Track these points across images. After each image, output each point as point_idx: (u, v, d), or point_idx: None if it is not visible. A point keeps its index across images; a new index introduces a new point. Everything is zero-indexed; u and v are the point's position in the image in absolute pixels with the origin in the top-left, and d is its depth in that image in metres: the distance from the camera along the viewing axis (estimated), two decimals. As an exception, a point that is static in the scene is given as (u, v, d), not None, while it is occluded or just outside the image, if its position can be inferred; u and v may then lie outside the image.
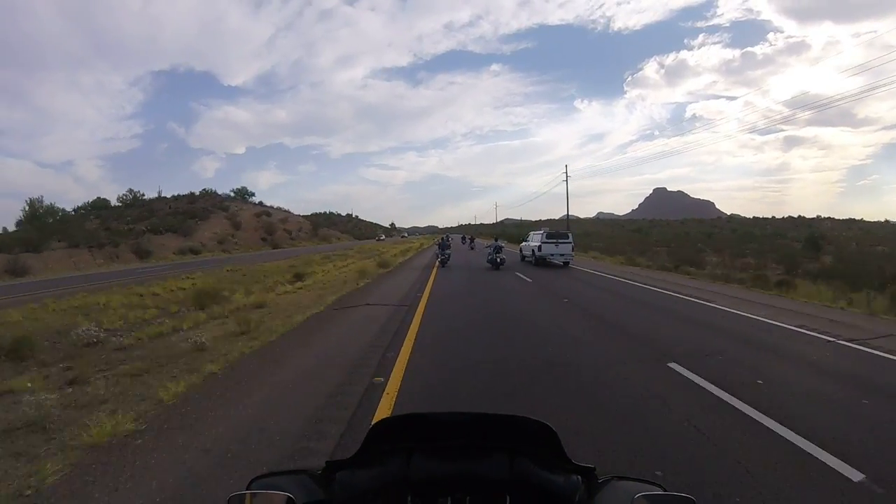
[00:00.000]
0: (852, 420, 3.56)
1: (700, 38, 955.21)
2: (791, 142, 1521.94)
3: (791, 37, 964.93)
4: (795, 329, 6.96)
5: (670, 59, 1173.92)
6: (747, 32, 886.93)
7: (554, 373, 4.77)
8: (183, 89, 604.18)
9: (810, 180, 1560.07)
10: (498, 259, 18.08)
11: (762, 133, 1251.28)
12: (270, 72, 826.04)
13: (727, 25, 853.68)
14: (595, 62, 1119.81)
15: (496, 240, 20.08)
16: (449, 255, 20.09)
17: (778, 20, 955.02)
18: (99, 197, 61.47)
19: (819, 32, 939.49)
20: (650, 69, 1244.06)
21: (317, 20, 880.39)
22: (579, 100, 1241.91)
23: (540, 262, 19.70)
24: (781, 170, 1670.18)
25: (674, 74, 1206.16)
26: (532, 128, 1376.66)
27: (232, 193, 74.84)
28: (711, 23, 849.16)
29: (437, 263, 19.76)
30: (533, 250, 20.43)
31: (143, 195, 63.32)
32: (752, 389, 4.20)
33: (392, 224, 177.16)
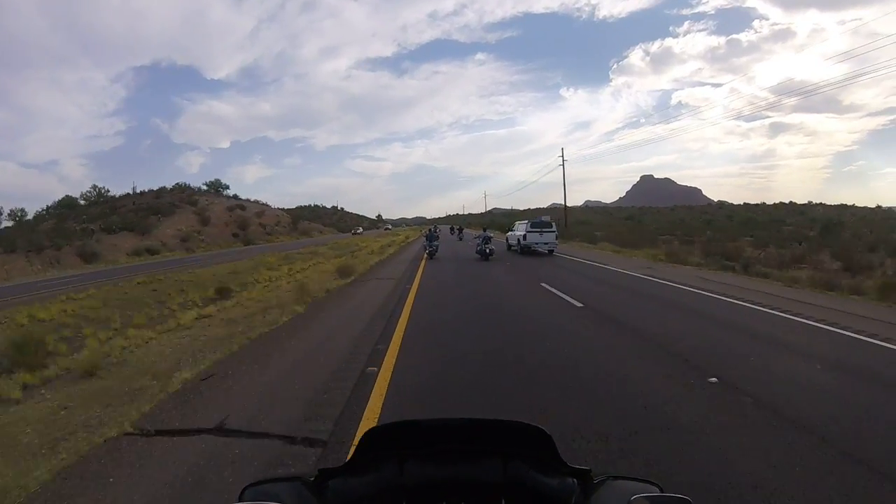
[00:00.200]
0: None
1: (685, 26, 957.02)
2: (777, 128, 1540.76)
3: (776, 24, 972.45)
4: None
5: (655, 47, 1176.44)
6: (733, 20, 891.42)
7: None
8: (166, 84, 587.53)
9: (796, 166, 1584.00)
10: (487, 250, 17.72)
11: (748, 120, 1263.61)
12: (254, 64, 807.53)
13: (712, 13, 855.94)
14: (580, 50, 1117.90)
15: (485, 230, 19.96)
16: (437, 248, 19.76)
17: (763, 7, 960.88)
18: (67, 195, 56.49)
19: (804, 20, 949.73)
20: (635, 57, 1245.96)
21: (300, 11, 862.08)
22: (565, 88, 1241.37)
23: (525, 251, 19.76)
24: (767, 156, 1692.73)
25: (659, 62, 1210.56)
26: (518, 116, 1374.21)
27: (204, 187, 69.73)
28: (697, 10, 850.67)
29: (425, 256, 19.22)
30: (518, 239, 20.59)
31: (108, 191, 58.87)
32: None
33: (379, 216, 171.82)
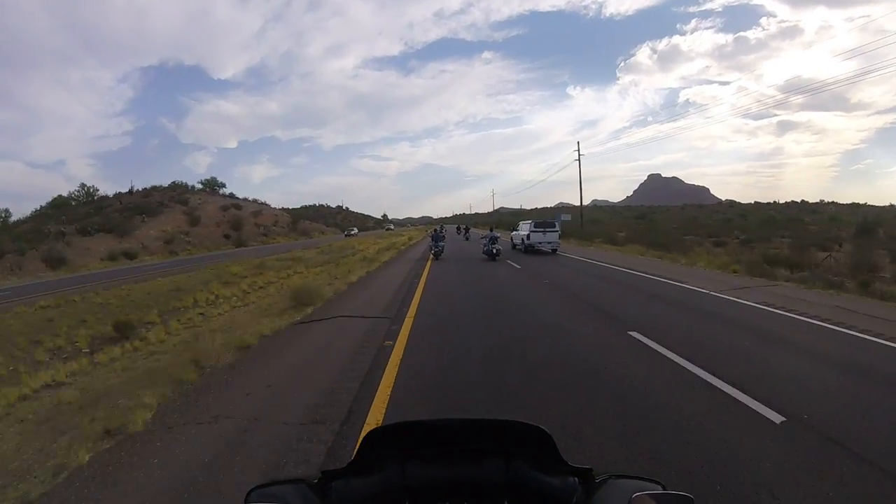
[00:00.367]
0: None
1: (693, 23, 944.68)
2: (784, 126, 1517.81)
3: (784, 21, 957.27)
4: None
5: (663, 45, 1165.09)
6: (740, 17, 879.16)
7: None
8: (172, 84, 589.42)
9: (804, 165, 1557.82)
10: (494, 250, 17.59)
11: (755, 118, 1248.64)
12: (260, 64, 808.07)
13: (720, 10, 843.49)
14: (587, 48, 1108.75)
15: (491, 230, 20.03)
16: (443, 248, 19.49)
17: (771, 4, 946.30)
18: (59, 195, 53.78)
19: (812, 17, 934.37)
20: (643, 55, 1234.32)
21: (306, 10, 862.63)
22: (572, 86, 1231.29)
23: (529, 250, 20.09)
24: (775, 154, 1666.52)
25: (666, 60, 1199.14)
26: (525, 115, 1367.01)
27: (200, 185, 66.77)
28: (704, 7, 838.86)
29: (431, 256, 19.12)
30: (522, 239, 21.12)
31: (97, 190, 55.54)
32: None
33: (384, 215, 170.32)
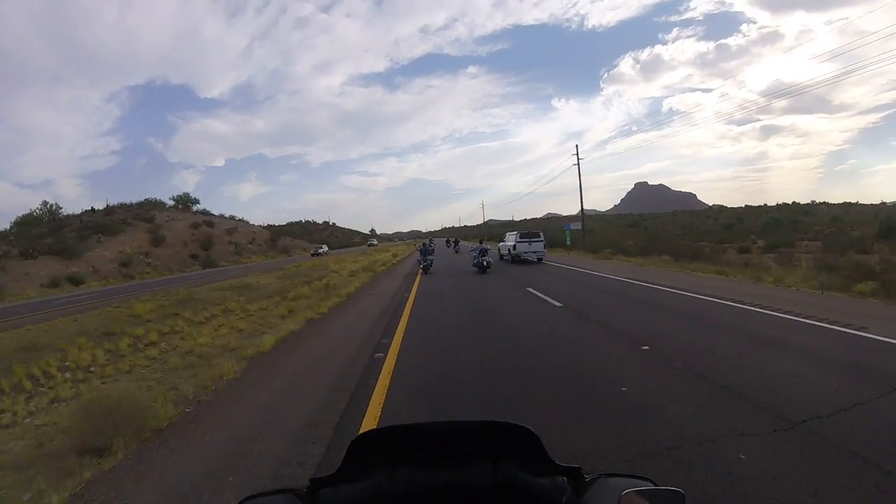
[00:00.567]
0: None
1: (674, 33, 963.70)
2: (768, 130, 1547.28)
3: (764, 27, 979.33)
4: None
5: (645, 55, 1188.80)
6: (721, 24, 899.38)
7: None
8: (160, 103, 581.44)
9: (789, 168, 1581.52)
10: (484, 262, 17.39)
11: (739, 123, 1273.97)
12: (248, 82, 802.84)
13: (700, 18, 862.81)
14: (571, 60, 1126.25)
15: (481, 242, 20.22)
16: (431, 262, 19.18)
17: (751, 11, 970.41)
18: (28, 213, 50.54)
19: (792, 21, 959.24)
20: (626, 65, 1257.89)
21: (293, 28, 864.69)
22: (557, 98, 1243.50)
23: (516, 260, 20.63)
24: (760, 159, 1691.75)
25: (649, 69, 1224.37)
26: (511, 128, 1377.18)
27: (171, 201, 64.11)
28: (685, 16, 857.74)
29: (420, 270, 18.79)
30: (509, 249, 21.73)
31: (61, 209, 52.45)
32: None
33: (372, 230, 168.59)
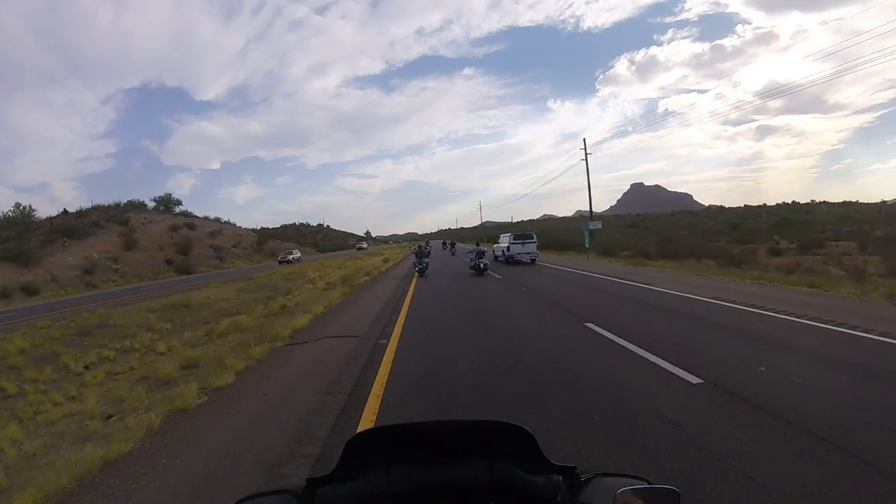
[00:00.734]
0: None
1: (669, 34, 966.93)
2: (764, 131, 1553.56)
3: (759, 28, 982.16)
4: None
5: (641, 56, 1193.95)
6: (716, 25, 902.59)
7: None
8: (155, 106, 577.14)
9: (784, 167, 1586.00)
10: (481, 265, 17.26)
11: (735, 124, 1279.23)
12: (243, 84, 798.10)
13: (695, 19, 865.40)
14: (566, 62, 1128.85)
15: (477, 244, 19.99)
16: (427, 264, 19.03)
17: (746, 12, 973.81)
18: (2, 214, 47.37)
19: (787, 22, 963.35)
20: (621, 66, 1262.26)
21: (288, 29, 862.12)
22: (552, 100, 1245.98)
23: (510, 261, 21.36)
24: (756, 159, 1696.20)
25: (645, 70, 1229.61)
26: (507, 130, 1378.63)
27: (153, 202, 61.14)
28: (680, 17, 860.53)
29: (416, 273, 18.79)
30: (503, 251, 22.42)
31: (34, 211, 49.30)
32: None
33: (367, 232, 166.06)
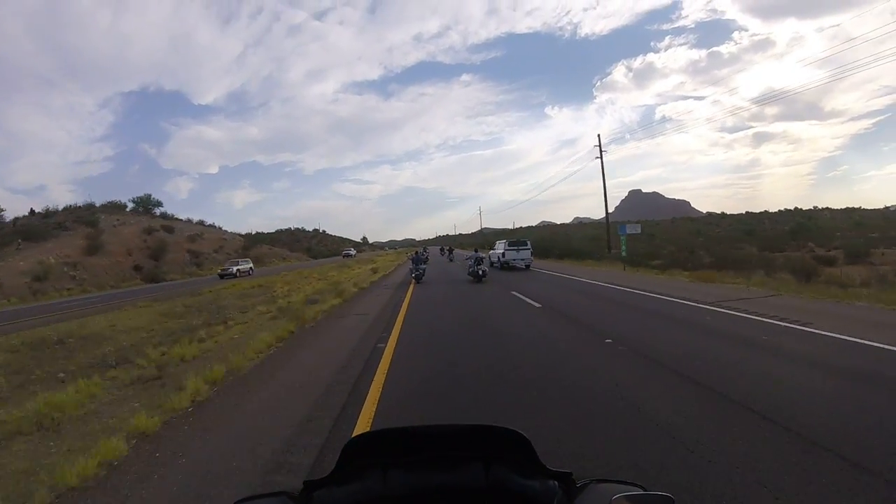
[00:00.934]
0: None
1: (666, 41, 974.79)
2: (760, 138, 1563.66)
3: (756, 35, 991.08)
4: None
5: (638, 63, 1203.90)
6: (713, 32, 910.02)
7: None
8: (153, 109, 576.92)
9: (781, 174, 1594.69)
10: (480, 271, 16.95)
11: (732, 131, 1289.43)
12: (241, 89, 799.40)
13: (692, 27, 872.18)
14: (564, 68, 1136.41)
15: (476, 251, 19.68)
16: (424, 271, 18.76)
17: (742, 19, 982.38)
18: None
19: (784, 29, 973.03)
20: (619, 73, 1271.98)
21: (286, 35, 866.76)
22: (550, 106, 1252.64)
23: (505, 267, 22.30)
24: (752, 166, 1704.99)
25: (642, 77, 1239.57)
26: (504, 136, 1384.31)
27: (131, 204, 57.86)
28: (677, 25, 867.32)
29: (413, 279, 18.47)
30: (498, 257, 23.26)
31: (3, 210, 46.17)
32: None
33: (364, 238, 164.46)
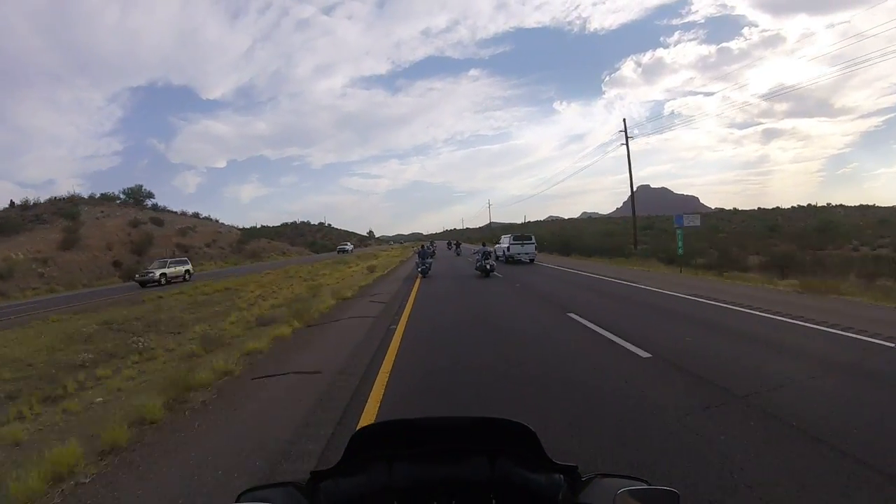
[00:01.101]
0: None
1: (676, 36, 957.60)
2: (770, 134, 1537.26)
3: (766, 30, 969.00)
4: None
5: (647, 58, 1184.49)
6: (722, 28, 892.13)
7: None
8: (161, 104, 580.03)
9: (790, 171, 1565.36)
10: (487, 266, 16.81)
11: (741, 127, 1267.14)
12: (249, 84, 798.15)
13: (702, 22, 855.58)
14: (573, 63, 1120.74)
15: (483, 245, 19.57)
16: (430, 265, 18.72)
17: (752, 14, 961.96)
18: None
19: (794, 25, 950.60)
20: (627, 68, 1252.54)
21: (294, 30, 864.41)
22: (558, 101, 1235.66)
23: (510, 260, 22.83)
24: (762, 162, 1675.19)
25: (651, 73, 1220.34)
26: (512, 131, 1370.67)
27: (122, 196, 56.36)
28: (686, 20, 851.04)
29: (419, 274, 18.31)
30: (503, 251, 23.89)
31: None
32: None
33: (370, 232, 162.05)
